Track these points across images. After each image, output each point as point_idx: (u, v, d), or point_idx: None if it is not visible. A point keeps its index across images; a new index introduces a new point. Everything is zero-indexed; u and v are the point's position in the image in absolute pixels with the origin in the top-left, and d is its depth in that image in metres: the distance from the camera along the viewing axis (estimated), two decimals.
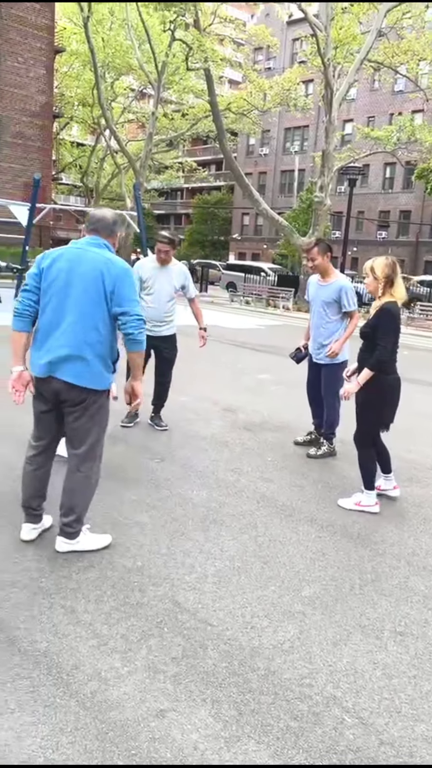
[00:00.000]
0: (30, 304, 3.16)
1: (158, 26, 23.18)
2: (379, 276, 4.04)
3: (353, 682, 2.50)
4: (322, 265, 5.28)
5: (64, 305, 3.09)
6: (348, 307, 5.24)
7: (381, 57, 23.90)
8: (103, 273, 3.09)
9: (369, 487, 4.25)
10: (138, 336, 3.14)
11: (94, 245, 3.21)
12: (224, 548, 3.54)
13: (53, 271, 3.13)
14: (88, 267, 3.10)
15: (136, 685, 2.36)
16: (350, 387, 4.14)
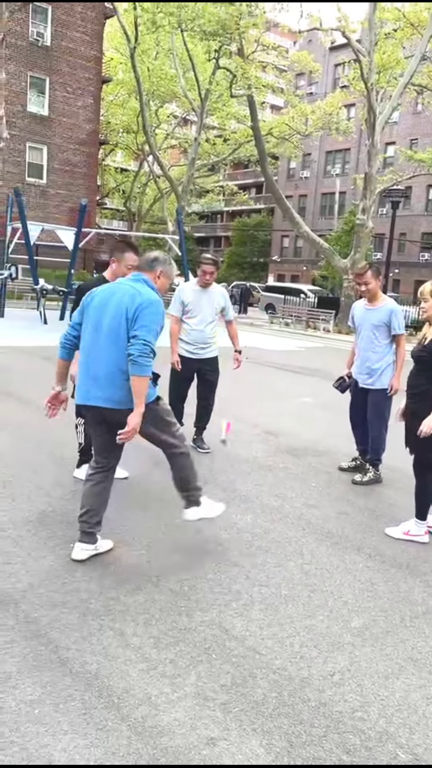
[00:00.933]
0: (70, 338, 3.54)
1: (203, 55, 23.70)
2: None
3: (406, 717, 2.44)
4: (374, 289, 5.27)
5: (98, 336, 3.34)
6: (397, 330, 5.22)
7: (425, 80, 23.89)
8: (127, 303, 3.29)
9: (421, 517, 4.16)
10: (137, 359, 3.18)
11: (132, 279, 3.48)
12: (270, 575, 3.53)
13: (92, 304, 3.43)
14: (117, 298, 3.34)
15: (186, 712, 2.36)
16: (430, 422, 3.89)
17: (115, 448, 3.52)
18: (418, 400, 4.06)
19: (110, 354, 3.30)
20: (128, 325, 3.27)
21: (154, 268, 3.53)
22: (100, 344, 3.33)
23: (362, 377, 5.41)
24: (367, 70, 20.76)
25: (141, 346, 3.20)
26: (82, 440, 4.72)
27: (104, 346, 3.32)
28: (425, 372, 4.04)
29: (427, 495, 4.15)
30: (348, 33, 21.67)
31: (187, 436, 5.69)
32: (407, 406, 4.18)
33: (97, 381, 3.33)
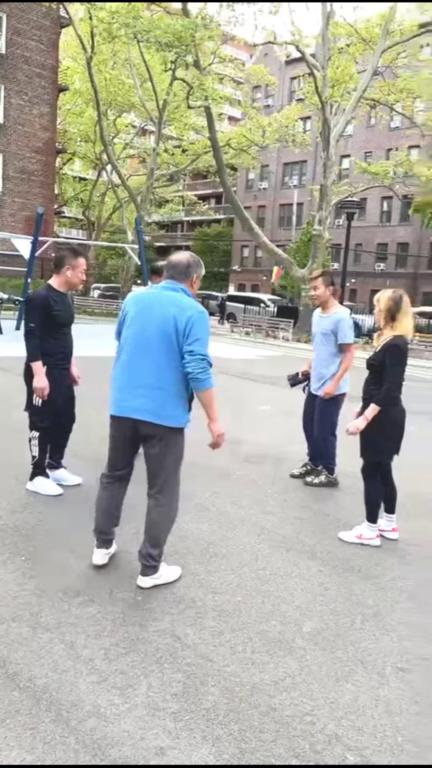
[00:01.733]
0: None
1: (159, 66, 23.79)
2: (382, 308, 4.09)
3: (355, 720, 2.47)
4: (323, 296, 5.34)
5: (140, 347, 3.25)
6: (342, 339, 5.25)
7: (377, 95, 24.52)
8: (177, 315, 3.18)
9: (372, 520, 4.24)
10: (199, 375, 3.17)
11: (170, 289, 3.32)
12: (225, 582, 3.53)
13: (129, 315, 3.35)
14: (162, 309, 3.22)
15: (135, 722, 2.34)
16: (358, 423, 4.09)
17: (132, 461, 3.52)
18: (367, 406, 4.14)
19: (156, 366, 3.22)
20: (179, 338, 3.17)
21: (189, 275, 3.37)
22: (144, 356, 3.24)
23: (315, 384, 5.49)
24: (321, 84, 21.20)
25: (199, 361, 3.16)
26: (36, 453, 4.66)
27: (149, 358, 3.23)
28: (375, 379, 4.13)
29: (376, 497, 4.24)
30: (302, 47, 22.10)
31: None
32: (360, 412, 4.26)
33: (139, 392, 3.24)
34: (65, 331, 4.66)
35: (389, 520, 4.41)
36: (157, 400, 3.23)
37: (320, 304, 5.43)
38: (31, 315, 4.48)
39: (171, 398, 3.25)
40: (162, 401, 3.23)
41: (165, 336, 3.18)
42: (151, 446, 3.33)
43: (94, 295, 37.99)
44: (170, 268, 3.40)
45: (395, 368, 4.04)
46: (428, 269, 38.84)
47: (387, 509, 4.39)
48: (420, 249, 38.86)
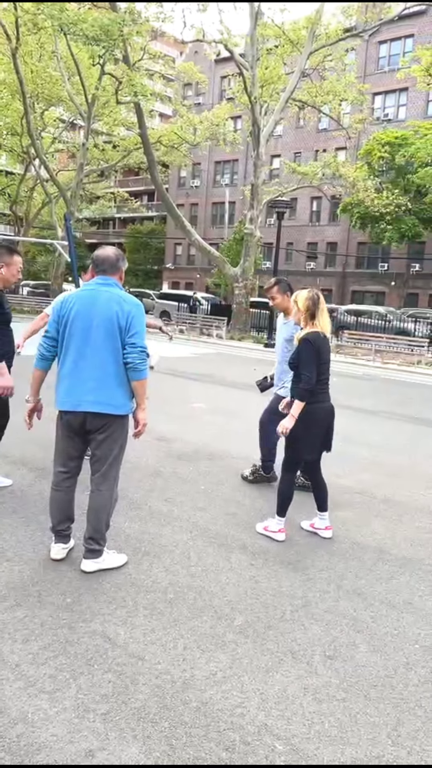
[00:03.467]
0: (50, 348, 3.56)
1: (88, 60, 23.39)
2: (301, 308, 4.17)
3: (284, 709, 2.52)
4: (282, 304, 5.27)
5: (86, 343, 3.42)
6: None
7: (305, 96, 24.97)
8: (117, 311, 3.39)
9: (280, 514, 4.31)
10: (138, 365, 3.40)
11: (104, 285, 3.49)
12: (157, 580, 3.52)
13: (71, 314, 3.46)
14: (103, 306, 3.41)
15: (64, 726, 2.30)
16: (287, 423, 4.11)
17: (83, 456, 3.68)
18: (290, 404, 4.21)
19: (103, 360, 3.40)
20: (122, 333, 3.38)
21: (119, 268, 3.55)
22: (92, 351, 3.40)
23: (276, 385, 5.48)
24: (250, 84, 21.41)
25: (139, 353, 3.39)
26: None
27: (96, 353, 3.39)
28: (297, 377, 4.18)
29: (288, 492, 4.29)
30: (231, 46, 22.24)
31: None
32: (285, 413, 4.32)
33: (88, 386, 3.41)
34: (7, 329, 4.54)
35: (322, 518, 4.47)
36: (106, 391, 3.42)
37: (282, 311, 5.42)
38: None
39: (117, 388, 3.45)
40: (111, 392, 3.42)
41: (109, 332, 3.38)
42: (101, 433, 3.50)
43: (24, 292, 37.01)
44: (100, 264, 3.55)
45: (308, 362, 4.08)
46: (356, 268, 39.93)
47: (319, 507, 4.45)
48: (348, 248, 39.90)
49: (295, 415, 4.09)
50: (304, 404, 4.08)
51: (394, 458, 6.98)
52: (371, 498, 5.42)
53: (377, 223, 29.66)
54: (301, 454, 4.26)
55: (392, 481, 5.99)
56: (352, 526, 4.66)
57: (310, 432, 4.17)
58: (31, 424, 3.79)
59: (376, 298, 37.46)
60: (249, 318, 25.48)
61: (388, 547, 4.32)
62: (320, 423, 4.21)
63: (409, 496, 5.54)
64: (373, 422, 9.19)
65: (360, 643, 3.05)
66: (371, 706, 2.58)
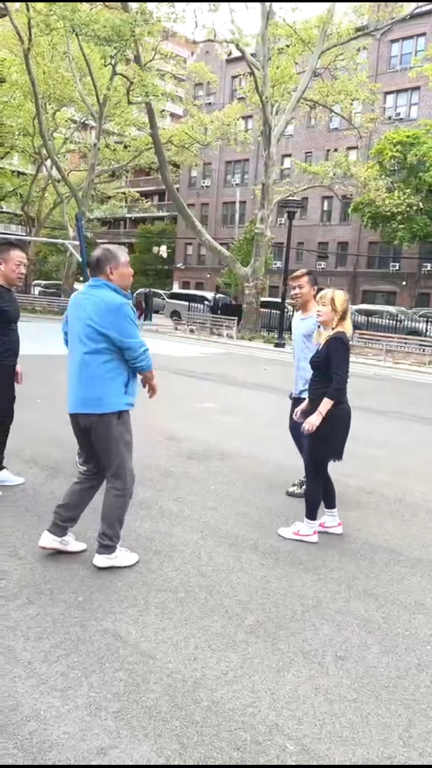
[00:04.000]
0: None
1: (99, 60, 23.46)
2: (339, 309, 4.12)
3: (295, 709, 2.52)
4: (307, 295, 5.16)
5: (73, 346, 3.55)
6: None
7: (316, 96, 24.91)
8: (90, 313, 3.42)
9: (311, 517, 4.28)
10: (136, 363, 3.53)
11: (93, 286, 3.52)
12: (168, 579, 3.53)
13: (69, 315, 3.63)
14: (82, 308, 3.49)
15: (76, 724, 2.31)
16: (314, 420, 4.06)
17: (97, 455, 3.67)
18: (315, 405, 4.15)
19: (81, 362, 3.47)
20: (99, 331, 3.40)
21: (102, 268, 3.51)
22: (75, 352, 3.52)
23: (297, 387, 5.33)
24: (261, 84, 21.38)
25: (133, 352, 3.46)
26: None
27: (78, 353, 3.49)
28: (324, 379, 4.14)
29: (317, 496, 4.27)
30: (242, 46, 22.23)
31: None
32: (306, 411, 4.29)
33: (75, 388, 3.52)
34: (13, 327, 4.57)
35: (331, 516, 4.47)
36: (87, 391, 3.48)
37: (301, 305, 5.33)
38: None
39: (99, 387, 3.47)
40: (92, 391, 3.47)
41: (85, 334, 3.44)
42: (93, 432, 3.56)
43: (35, 292, 37.18)
44: (89, 266, 3.67)
45: (341, 361, 4.08)
46: (367, 268, 39.79)
47: (327, 505, 4.45)
48: (359, 248, 39.76)
49: (323, 413, 4.04)
50: (332, 403, 4.04)
51: (405, 458, 6.95)
52: (382, 498, 5.40)
53: (388, 222, 29.53)
54: (325, 454, 4.22)
55: (403, 481, 5.97)
56: (363, 526, 4.65)
57: (337, 433, 4.14)
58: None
59: (387, 297, 37.31)
60: (259, 318, 25.45)
61: (400, 547, 4.30)
62: (345, 424, 4.19)
63: (420, 496, 5.52)
64: (383, 422, 9.16)
65: (371, 644, 3.04)
66: (383, 707, 2.58)
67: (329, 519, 4.47)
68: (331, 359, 4.09)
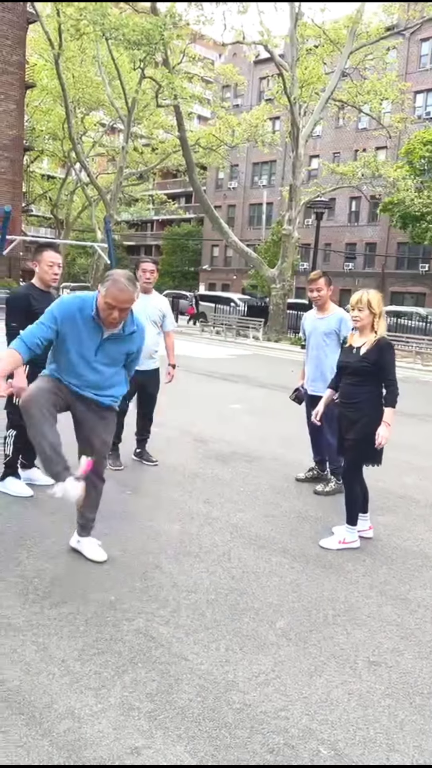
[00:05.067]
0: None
1: (128, 64, 23.67)
2: (377, 310, 4.07)
3: (329, 714, 2.50)
4: (325, 296, 5.32)
5: None
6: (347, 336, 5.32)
7: (345, 96, 24.75)
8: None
9: (353, 523, 4.21)
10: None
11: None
12: (198, 581, 3.53)
13: None
14: None
15: (110, 723, 2.33)
16: (385, 432, 3.97)
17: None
18: (357, 409, 4.09)
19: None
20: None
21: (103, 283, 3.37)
22: None
23: (316, 384, 5.40)
24: (289, 85, 21.32)
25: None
26: (10, 452, 4.61)
27: None
28: (363, 382, 4.08)
29: (356, 502, 4.22)
30: (271, 47, 22.20)
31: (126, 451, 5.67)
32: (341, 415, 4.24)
33: None
34: None
35: (363, 519, 4.41)
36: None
37: (320, 306, 5.42)
38: (11, 314, 4.42)
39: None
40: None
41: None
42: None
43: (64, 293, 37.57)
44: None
45: (394, 368, 4.05)
46: (396, 269, 39.38)
47: (361, 509, 4.40)
48: (387, 249, 39.39)
49: (390, 423, 3.99)
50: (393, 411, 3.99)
51: None
52: (413, 502, 5.34)
53: (418, 222, 29.16)
54: (369, 462, 4.17)
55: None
56: (394, 531, 4.60)
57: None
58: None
59: (417, 299, 36.87)
60: (286, 319, 25.36)
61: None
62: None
63: None
64: (413, 425, 9.05)
65: (404, 650, 3.00)
66: (417, 713, 2.55)
67: (361, 522, 4.42)
68: (385, 366, 4.03)
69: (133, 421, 5.77)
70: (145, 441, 5.85)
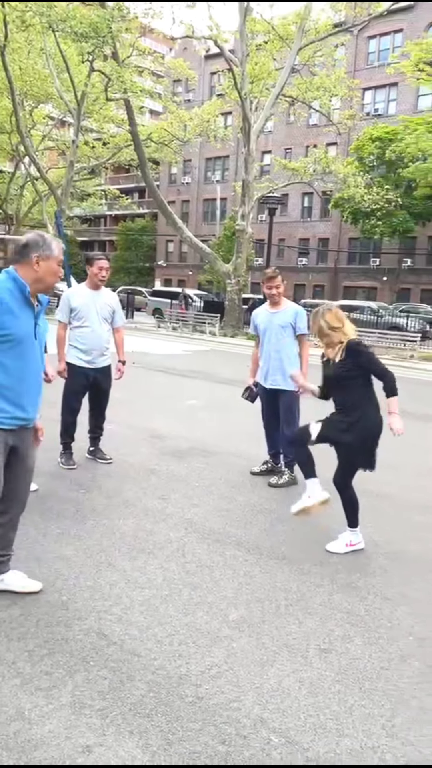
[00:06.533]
0: None
1: (77, 56, 23.27)
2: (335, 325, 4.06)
3: (280, 702, 2.54)
4: (283, 292, 5.46)
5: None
6: (302, 330, 5.41)
7: (295, 92, 24.93)
8: None
9: (355, 525, 4.20)
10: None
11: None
12: (152, 577, 3.53)
13: None
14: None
15: (61, 723, 2.31)
16: (398, 422, 3.98)
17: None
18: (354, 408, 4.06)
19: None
20: None
21: (28, 256, 2.96)
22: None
23: (273, 378, 5.44)
24: (240, 80, 21.36)
25: None
26: None
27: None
28: (348, 388, 4.08)
29: (356, 505, 4.20)
30: (220, 42, 22.18)
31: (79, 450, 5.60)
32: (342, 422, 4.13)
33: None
34: None
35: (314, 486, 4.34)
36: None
37: (276, 302, 5.50)
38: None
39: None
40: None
41: None
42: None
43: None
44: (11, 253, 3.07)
45: (377, 361, 4.06)
46: (348, 264, 40.00)
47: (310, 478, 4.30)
48: (339, 244, 39.96)
49: (396, 411, 3.99)
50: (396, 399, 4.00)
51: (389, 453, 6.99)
52: (364, 492, 5.43)
53: (368, 218, 29.72)
54: (361, 465, 4.18)
55: (383, 475, 6.01)
56: (344, 520, 4.67)
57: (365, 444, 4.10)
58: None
59: (368, 293, 37.53)
60: (242, 314, 25.48)
61: (381, 540, 4.35)
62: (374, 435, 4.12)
63: (399, 489, 5.57)
64: None
65: (354, 636, 3.07)
66: (366, 698, 2.61)
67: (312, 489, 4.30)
68: (365, 363, 4.03)
69: (85, 419, 5.71)
70: (98, 439, 5.80)
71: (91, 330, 5.42)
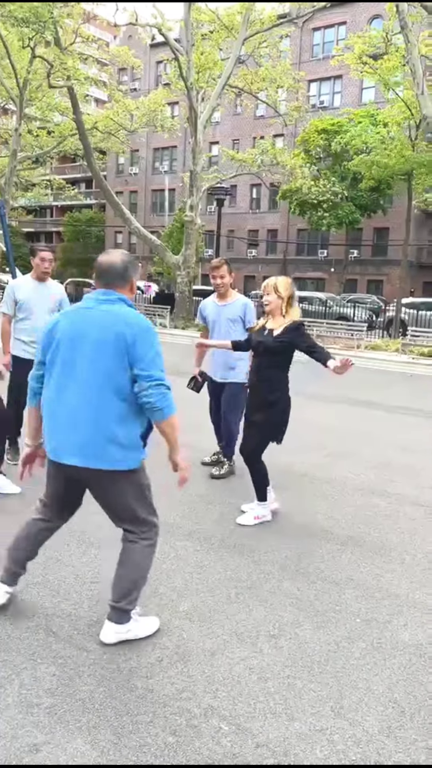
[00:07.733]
0: (41, 380, 2.85)
1: (17, 42, 22.64)
2: (284, 295, 4.16)
3: (230, 690, 2.55)
4: (228, 283, 5.38)
5: (69, 377, 2.68)
6: (251, 323, 5.31)
7: (242, 83, 24.91)
8: (117, 334, 2.62)
9: (264, 499, 4.37)
10: (157, 403, 2.68)
11: (106, 302, 2.72)
12: (101, 571, 3.49)
13: (56, 338, 2.73)
14: (96, 329, 2.65)
15: (8, 723, 2.26)
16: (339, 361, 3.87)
17: (75, 509, 3.08)
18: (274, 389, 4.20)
19: (91, 397, 2.64)
20: (122, 362, 2.62)
21: (128, 278, 2.79)
22: (76, 388, 2.67)
23: (221, 372, 5.43)
24: (185, 69, 21.21)
25: (155, 388, 2.64)
26: None
27: (83, 388, 2.65)
28: (280, 363, 4.20)
29: (264, 478, 4.35)
30: (165, 31, 21.96)
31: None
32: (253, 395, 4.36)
33: (68, 432, 2.69)
34: None
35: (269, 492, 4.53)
36: (94, 439, 2.68)
37: (223, 293, 5.43)
38: None
39: (112, 435, 2.69)
40: (99, 441, 2.68)
41: (106, 361, 2.63)
42: (97, 493, 2.88)
43: None
44: (103, 273, 2.78)
45: (311, 338, 4.16)
46: (297, 255, 40.39)
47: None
48: (288, 235, 40.30)
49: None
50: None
51: (337, 441, 7.12)
52: (313, 479, 5.52)
53: (315, 210, 30.03)
54: (274, 440, 4.30)
55: (333, 461, 6.12)
56: (293, 507, 4.74)
57: (286, 420, 4.27)
58: (27, 473, 3.08)
59: (317, 284, 38.01)
60: (192, 306, 25.42)
61: (331, 526, 4.42)
62: (288, 410, 4.31)
63: (347, 475, 5.67)
64: (311, 406, 9.34)
65: (303, 621, 3.11)
66: (315, 681, 2.65)
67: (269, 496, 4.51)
68: (299, 341, 4.11)
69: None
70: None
71: (36, 322, 5.30)
